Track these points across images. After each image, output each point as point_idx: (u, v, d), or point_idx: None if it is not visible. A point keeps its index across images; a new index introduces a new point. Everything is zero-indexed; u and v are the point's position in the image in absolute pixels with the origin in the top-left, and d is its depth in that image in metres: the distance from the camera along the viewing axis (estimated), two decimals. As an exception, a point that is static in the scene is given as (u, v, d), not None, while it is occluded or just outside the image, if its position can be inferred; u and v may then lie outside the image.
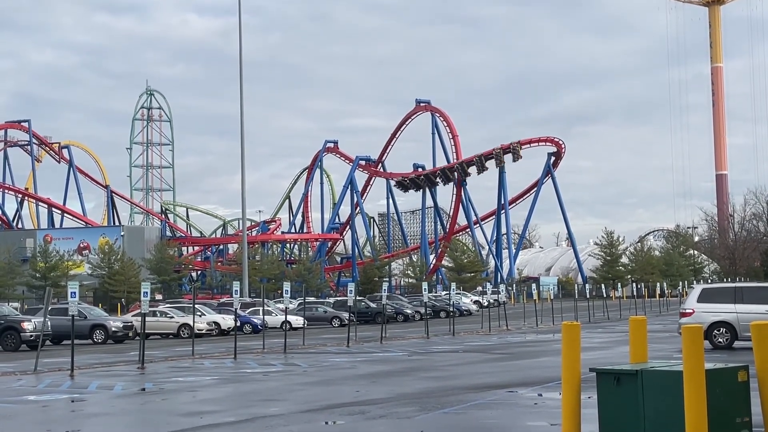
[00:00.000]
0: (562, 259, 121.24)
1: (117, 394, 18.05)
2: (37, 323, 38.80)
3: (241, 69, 69.70)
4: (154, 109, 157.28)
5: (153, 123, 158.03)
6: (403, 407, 14.72)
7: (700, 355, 8.81)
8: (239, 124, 68.76)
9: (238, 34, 69.77)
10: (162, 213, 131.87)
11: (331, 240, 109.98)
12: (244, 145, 71.05)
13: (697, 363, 8.77)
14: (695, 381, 8.72)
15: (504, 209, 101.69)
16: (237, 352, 30.47)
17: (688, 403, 8.72)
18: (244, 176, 71.76)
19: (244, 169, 71.45)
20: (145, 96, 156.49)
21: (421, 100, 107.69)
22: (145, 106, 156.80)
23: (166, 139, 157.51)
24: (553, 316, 50.83)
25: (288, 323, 53.14)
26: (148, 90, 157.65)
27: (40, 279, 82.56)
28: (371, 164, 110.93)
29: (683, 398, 8.78)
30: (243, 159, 71.21)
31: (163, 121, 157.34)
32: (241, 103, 70.07)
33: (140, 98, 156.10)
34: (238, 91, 68.24)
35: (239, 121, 68.92)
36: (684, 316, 27.53)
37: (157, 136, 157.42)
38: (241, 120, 69.87)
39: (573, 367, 9.83)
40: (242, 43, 69.56)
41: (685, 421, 8.71)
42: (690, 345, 8.81)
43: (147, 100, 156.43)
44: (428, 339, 37.28)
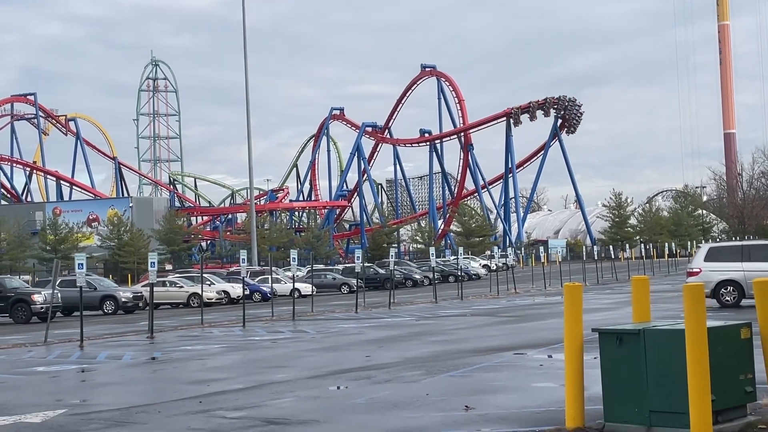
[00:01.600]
0: (571, 221, 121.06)
1: (126, 364, 18.16)
2: (47, 295, 39.01)
3: (245, 39, 69.44)
4: (159, 79, 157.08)
5: (159, 94, 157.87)
6: (410, 371, 14.78)
7: (701, 313, 8.80)
8: (242, 92, 68.68)
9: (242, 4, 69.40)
10: (170, 184, 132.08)
11: (339, 207, 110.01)
12: (250, 114, 70.94)
13: (699, 321, 8.76)
14: (697, 339, 8.72)
15: (511, 173, 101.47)
16: (246, 320, 30.64)
17: (691, 361, 8.72)
18: (251, 145, 71.77)
19: (251, 138, 71.44)
20: (151, 67, 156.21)
21: (426, 65, 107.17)
22: (150, 77, 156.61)
23: (173, 110, 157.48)
24: (561, 278, 50.82)
25: (297, 291, 53.39)
26: (153, 61, 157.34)
27: (50, 251, 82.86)
28: (378, 131, 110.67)
29: (686, 357, 8.79)
30: (249, 128, 71.14)
31: (169, 92, 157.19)
32: (246, 73, 69.91)
33: (145, 69, 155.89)
34: (241, 59, 68.06)
35: (241, 89, 68.89)
36: (691, 275, 27.48)
37: (164, 106, 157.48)
38: (246, 90, 69.77)
39: (575, 328, 9.83)
40: (248, 13, 69.24)
41: (687, 380, 8.72)
42: (691, 303, 8.80)
43: (152, 71, 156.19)
44: (437, 303, 37.38)
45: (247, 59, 69.76)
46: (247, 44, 68.10)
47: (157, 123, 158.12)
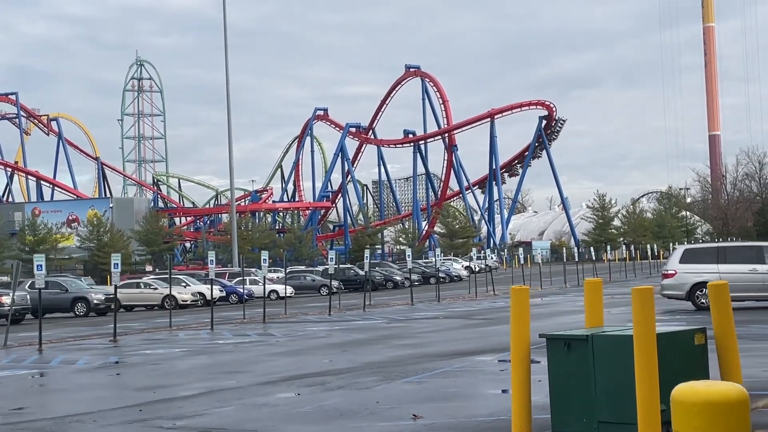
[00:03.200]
0: (555, 223, 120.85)
1: (79, 369, 17.61)
2: (16, 297, 38.35)
3: (225, 40, 68.88)
4: (144, 79, 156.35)
5: (144, 94, 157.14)
6: (366, 377, 14.29)
7: (650, 318, 8.32)
8: (232, 92, 68.20)
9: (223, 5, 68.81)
10: (154, 184, 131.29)
11: (322, 208, 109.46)
12: (231, 115, 70.35)
13: (647, 326, 8.28)
14: (645, 345, 8.24)
15: (495, 174, 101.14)
16: (217, 323, 30.15)
17: (639, 369, 8.24)
18: (231, 146, 71.15)
19: (231, 137, 70.82)
20: (135, 67, 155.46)
21: (410, 66, 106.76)
22: (135, 77, 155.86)
23: (158, 110, 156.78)
24: (541, 280, 50.49)
25: (275, 292, 53.15)
26: (138, 60, 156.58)
27: (29, 252, 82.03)
28: (362, 131, 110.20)
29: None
30: (230, 127, 70.53)
31: (154, 92, 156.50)
32: (227, 74, 69.34)
33: (130, 69, 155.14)
34: (231, 60, 67.58)
35: (231, 90, 68.46)
36: (666, 277, 27.12)
37: (149, 107, 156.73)
38: (227, 91, 69.20)
39: (522, 334, 9.35)
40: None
41: (636, 389, 8.26)
42: (640, 307, 8.33)
43: (137, 71, 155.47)
44: (413, 306, 36.89)
45: (228, 60, 69.16)
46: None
47: (142, 123, 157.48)
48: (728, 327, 9.16)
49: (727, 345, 9.14)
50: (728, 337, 9.14)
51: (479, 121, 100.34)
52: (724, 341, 9.14)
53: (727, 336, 9.14)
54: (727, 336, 9.14)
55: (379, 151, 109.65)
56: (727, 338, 9.14)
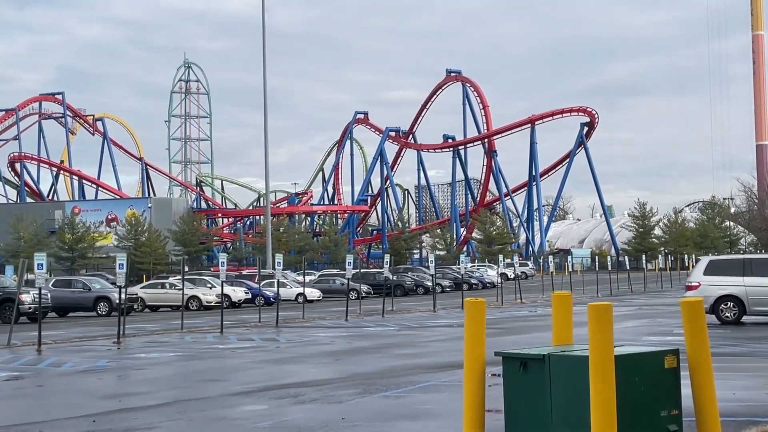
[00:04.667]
0: (596, 231, 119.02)
1: (60, 372, 17.12)
2: (35, 295, 38.20)
3: (264, 43, 68.72)
4: (192, 81, 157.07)
5: (191, 96, 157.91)
6: (345, 389, 13.60)
7: (607, 337, 7.52)
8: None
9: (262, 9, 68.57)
10: (197, 185, 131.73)
11: (360, 212, 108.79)
12: (267, 118, 70.19)
13: (603, 346, 7.48)
14: (601, 367, 7.44)
15: (535, 180, 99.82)
16: (229, 326, 29.74)
17: (594, 393, 7.45)
18: (267, 148, 70.92)
19: (267, 141, 70.61)
20: (183, 69, 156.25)
21: (451, 70, 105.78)
22: (182, 79, 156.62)
23: (204, 112, 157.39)
24: (572, 288, 49.34)
25: (303, 295, 52.66)
26: (186, 63, 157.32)
27: (68, 250, 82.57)
28: (402, 136, 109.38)
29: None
30: (266, 131, 70.33)
31: (201, 94, 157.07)
32: (264, 77, 69.23)
33: (178, 71, 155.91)
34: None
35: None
36: (690, 289, 26.04)
37: (195, 109, 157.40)
38: (264, 94, 69.11)
39: (476, 351, 8.59)
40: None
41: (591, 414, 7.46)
42: (596, 325, 7.53)
43: (185, 73, 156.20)
44: (434, 312, 36.12)
45: (265, 64, 69.12)
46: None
47: (189, 125, 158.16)
48: (702, 348, 8.30)
49: (701, 369, 8.27)
50: (702, 360, 8.28)
51: (519, 126, 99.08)
52: (697, 365, 8.28)
53: (702, 358, 8.28)
54: (701, 358, 8.28)
55: (419, 156, 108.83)
56: (702, 361, 8.28)
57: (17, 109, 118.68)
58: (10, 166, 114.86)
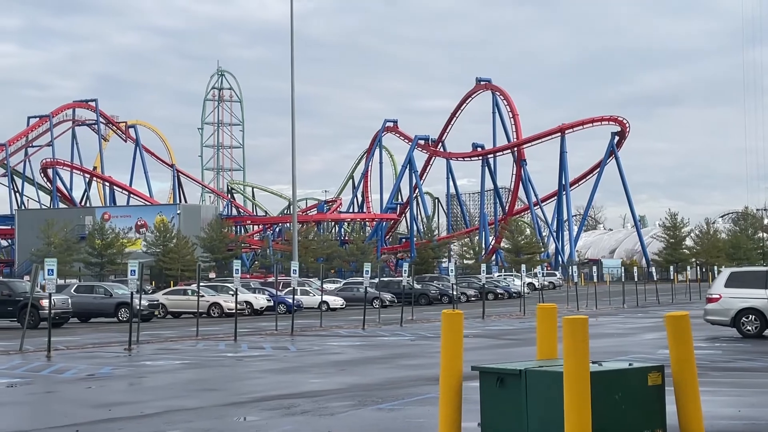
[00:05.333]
0: (627, 241, 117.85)
1: (61, 380, 16.99)
2: (57, 301, 38.26)
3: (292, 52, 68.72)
4: (225, 89, 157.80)
5: (224, 103, 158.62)
6: (341, 401, 13.34)
7: (582, 352, 7.22)
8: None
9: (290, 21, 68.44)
10: (228, 192, 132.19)
11: (388, 220, 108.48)
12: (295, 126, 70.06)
13: (578, 362, 7.18)
14: (576, 383, 7.15)
15: (565, 190, 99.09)
16: (244, 334, 29.60)
17: (568, 410, 7.16)
18: (294, 156, 70.67)
19: (294, 150, 70.38)
20: (216, 76, 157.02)
21: (481, 79, 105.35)
22: (216, 87, 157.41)
23: (237, 120, 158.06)
24: (597, 299, 48.78)
25: (326, 303, 52.47)
26: (219, 70, 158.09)
27: (97, 256, 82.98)
28: (431, 144, 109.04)
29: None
30: (293, 139, 70.14)
31: (234, 102, 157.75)
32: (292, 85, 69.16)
33: (211, 79, 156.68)
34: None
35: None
36: (710, 301, 25.55)
37: (228, 116, 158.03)
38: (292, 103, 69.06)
39: (452, 365, 8.33)
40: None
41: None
42: (571, 340, 7.23)
43: (218, 81, 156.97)
44: (454, 322, 35.67)
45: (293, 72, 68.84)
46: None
47: (221, 132, 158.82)
48: (688, 365, 7.97)
49: (685, 386, 7.94)
50: (687, 377, 7.95)
51: (549, 135, 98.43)
52: (682, 381, 7.95)
53: (686, 375, 7.95)
54: (686, 375, 7.95)
55: (448, 164, 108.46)
56: (686, 378, 7.95)
57: (51, 115, 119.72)
58: (42, 172, 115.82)
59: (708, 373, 16.80)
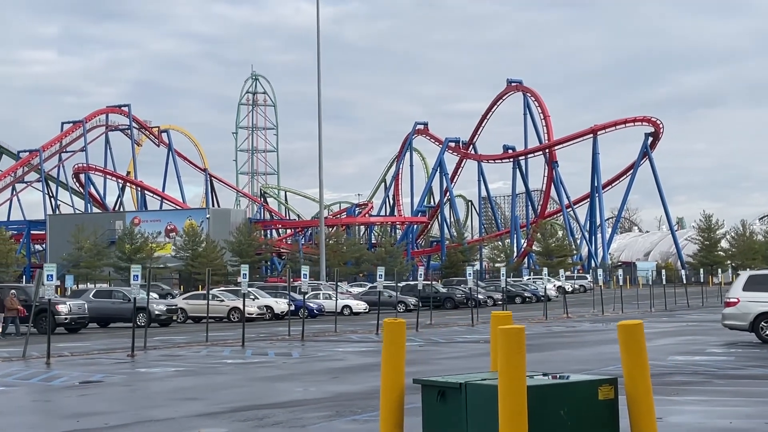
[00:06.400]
0: (662, 243, 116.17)
1: (47, 387, 16.70)
2: (73, 306, 38.24)
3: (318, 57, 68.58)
4: (258, 93, 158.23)
5: (258, 108, 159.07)
6: (318, 411, 12.89)
7: (518, 364, 6.69)
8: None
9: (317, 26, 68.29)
10: (260, 196, 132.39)
11: (418, 223, 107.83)
12: (321, 130, 69.89)
13: (513, 375, 6.65)
14: (510, 397, 6.62)
15: (597, 192, 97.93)
16: (254, 339, 29.39)
17: (503, 426, 6.63)
18: (321, 160, 70.57)
19: (321, 154, 70.28)
20: (251, 81, 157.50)
21: (512, 80, 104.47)
22: (250, 91, 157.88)
23: (271, 124, 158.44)
24: (623, 303, 47.90)
25: (348, 308, 52.12)
26: (253, 75, 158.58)
27: (126, 260, 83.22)
28: (462, 146, 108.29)
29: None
30: (320, 143, 70.00)
31: (268, 106, 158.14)
32: (319, 90, 69.06)
33: (245, 83, 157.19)
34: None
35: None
36: (728, 305, 24.74)
37: (262, 120, 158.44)
38: (318, 106, 68.94)
39: (393, 378, 7.84)
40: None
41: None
42: (506, 352, 6.71)
43: (252, 85, 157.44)
44: (472, 327, 35.15)
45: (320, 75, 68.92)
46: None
47: (256, 136, 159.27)
48: (641, 377, 7.40)
49: (639, 400, 7.37)
50: (641, 390, 7.38)
51: (581, 137, 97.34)
52: (635, 395, 7.38)
53: (640, 388, 7.38)
54: (639, 388, 7.38)
55: (479, 167, 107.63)
56: (640, 391, 7.38)
57: (84, 121, 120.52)
58: (74, 177, 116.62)
59: (712, 381, 16.15)
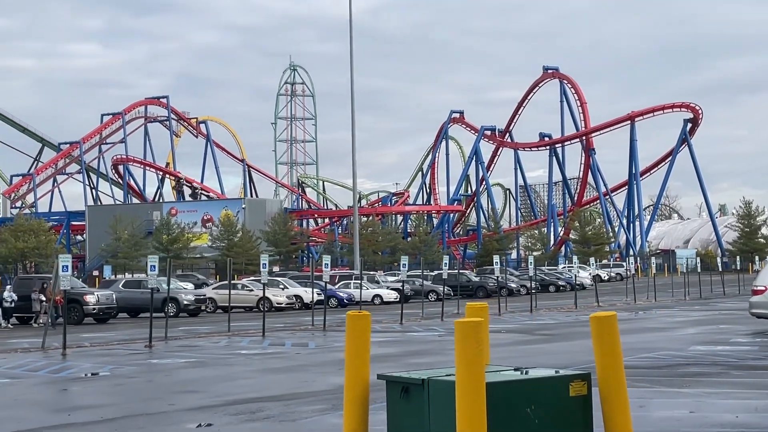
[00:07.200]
0: (702, 230, 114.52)
1: (52, 379, 16.67)
2: (101, 296, 38.40)
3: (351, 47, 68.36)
4: (297, 84, 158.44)
5: (296, 98, 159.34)
6: (314, 404, 12.69)
7: (475, 359, 6.36)
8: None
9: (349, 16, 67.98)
10: (298, 186, 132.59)
11: (454, 212, 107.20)
12: (354, 118, 69.68)
13: (472, 372, 6.34)
14: (469, 394, 6.30)
15: (635, 179, 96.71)
16: (276, 329, 29.34)
17: (461, 424, 6.31)
18: (354, 148, 70.31)
19: (354, 141, 70.02)
20: (289, 71, 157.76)
21: (548, 67, 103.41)
22: (288, 82, 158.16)
23: (309, 114, 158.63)
24: (656, 291, 47.15)
25: (379, 297, 51.90)
26: (292, 66, 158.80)
27: (163, 251, 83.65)
28: (498, 134, 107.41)
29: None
30: (353, 131, 69.77)
31: (306, 96, 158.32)
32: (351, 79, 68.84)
33: (284, 74, 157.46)
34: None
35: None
36: (756, 294, 24.13)
37: (301, 110, 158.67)
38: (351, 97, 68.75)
39: (357, 373, 7.53)
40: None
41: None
42: (462, 346, 6.38)
43: (291, 76, 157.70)
44: (498, 317, 34.75)
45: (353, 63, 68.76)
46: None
47: (294, 127, 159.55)
48: (615, 372, 7.04)
49: (612, 396, 7.01)
50: (614, 386, 7.02)
51: (618, 124, 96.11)
52: (608, 391, 7.02)
53: (613, 384, 7.02)
54: (612, 384, 7.02)
55: (516, 155, 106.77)
56: (613, 387, 7.02)
57: (123, 113, 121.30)
58: (113, 168, 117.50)
59: (729, 372, 15.68)
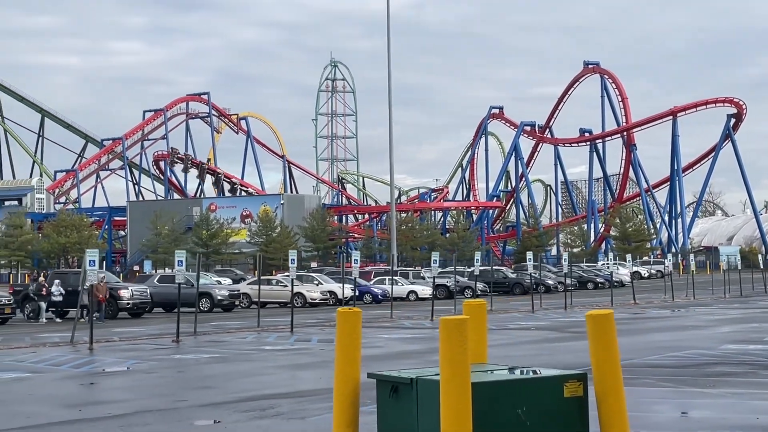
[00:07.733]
0: (746, 227, 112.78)
1: (71, 375, 16.73)
2: (135, 291, 38.63)
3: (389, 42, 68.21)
4: (338, 80, 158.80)
5: (337, 94, 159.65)
6: (325, 402, 12.45)
7: (460, 358, 6.18)
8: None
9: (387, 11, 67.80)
10: (338, 182, 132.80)
11: (492, 208, 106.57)
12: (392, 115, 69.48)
13: (456, 371, 6.15)
14: (453, 394, 6.12)
15: (677, 175, 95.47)
16: (305, 326, 29.43)
17: (446, 425, 6.12)
18: (392, 145, 70.17)
19: (392, 139, 69.84)
20: (330, 68, 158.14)
21: (589, 62, 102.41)
22: (329, 78, 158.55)
23: (350, 110, 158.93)
24: (695, 289, 46.45)
25: (414, 293, 51.75)
26: (332, 62, 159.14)
27: (203, 246, 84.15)
28: (538, 130, 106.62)
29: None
30: (390, 127, 69.56)
31: (347, 92, 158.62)
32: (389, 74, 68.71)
33: (324, 70, 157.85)
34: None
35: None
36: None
37: (341, 107, 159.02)
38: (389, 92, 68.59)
39: (347, 371, 7.36)
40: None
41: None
42: (447, 345, 6.19)
43: (331, 72, 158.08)
44: (532, 313, 34.45)
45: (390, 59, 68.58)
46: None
47: (335, 123, 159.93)
48: (611, 372, 6.81)
49: (609, 396, 6.79)
50: (611, 386, 6.79)
51: (661, 119, 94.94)
52: (604, 391, 6.79)
53: (610, 383, 6.79)
54: (609, 383, 6.79)
55: (556, 151, 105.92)
56: (610, 387, 6.79)
57: (165, 109, 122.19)
58: (154, 164, 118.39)
59: (757, 373, 15.31)
